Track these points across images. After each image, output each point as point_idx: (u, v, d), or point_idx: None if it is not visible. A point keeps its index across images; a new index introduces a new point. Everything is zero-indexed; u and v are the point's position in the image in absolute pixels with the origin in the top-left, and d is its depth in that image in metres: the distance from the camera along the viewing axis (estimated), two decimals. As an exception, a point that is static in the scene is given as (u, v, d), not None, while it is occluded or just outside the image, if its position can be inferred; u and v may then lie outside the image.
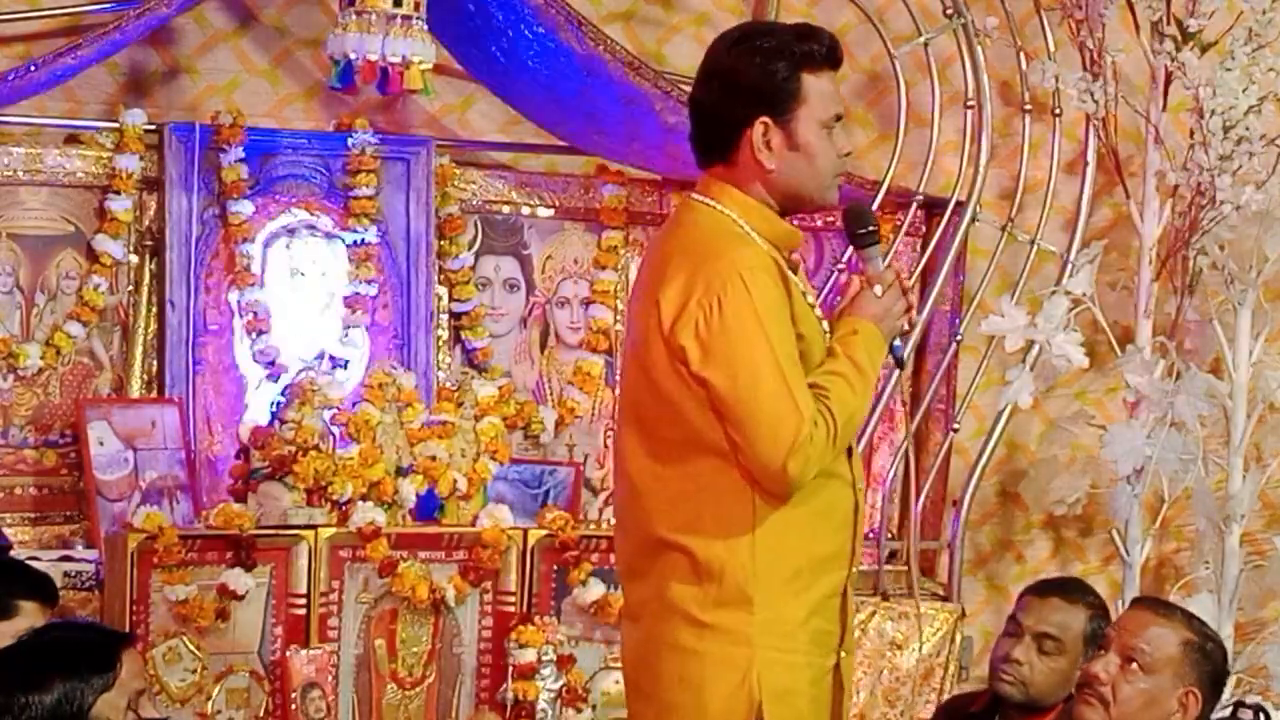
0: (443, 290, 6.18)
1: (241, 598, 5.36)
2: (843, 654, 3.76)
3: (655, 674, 3.74)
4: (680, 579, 3.69)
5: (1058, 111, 6.33)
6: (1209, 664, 4.10)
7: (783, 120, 3.71)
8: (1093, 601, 4.68)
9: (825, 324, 3.82)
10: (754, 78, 3.71)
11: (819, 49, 3.74)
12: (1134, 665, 4.06)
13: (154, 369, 5.87)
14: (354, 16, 5.45)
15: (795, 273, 3.80)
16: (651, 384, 3.70)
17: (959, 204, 6.25)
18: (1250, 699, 5.85)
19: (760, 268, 3.65)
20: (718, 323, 3.61)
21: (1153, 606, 4.24)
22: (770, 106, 3.70)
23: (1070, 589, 4.72)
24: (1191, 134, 6.12)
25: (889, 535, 6.30)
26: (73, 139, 5.87)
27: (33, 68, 5.52)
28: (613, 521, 6.02)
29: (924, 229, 6.41)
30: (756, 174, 3.74)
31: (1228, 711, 4.28)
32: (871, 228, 3.84)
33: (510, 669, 5.57)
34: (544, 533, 5.64)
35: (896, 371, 6.10)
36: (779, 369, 3.60)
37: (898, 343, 3.84)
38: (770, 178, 3.74)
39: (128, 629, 5.07)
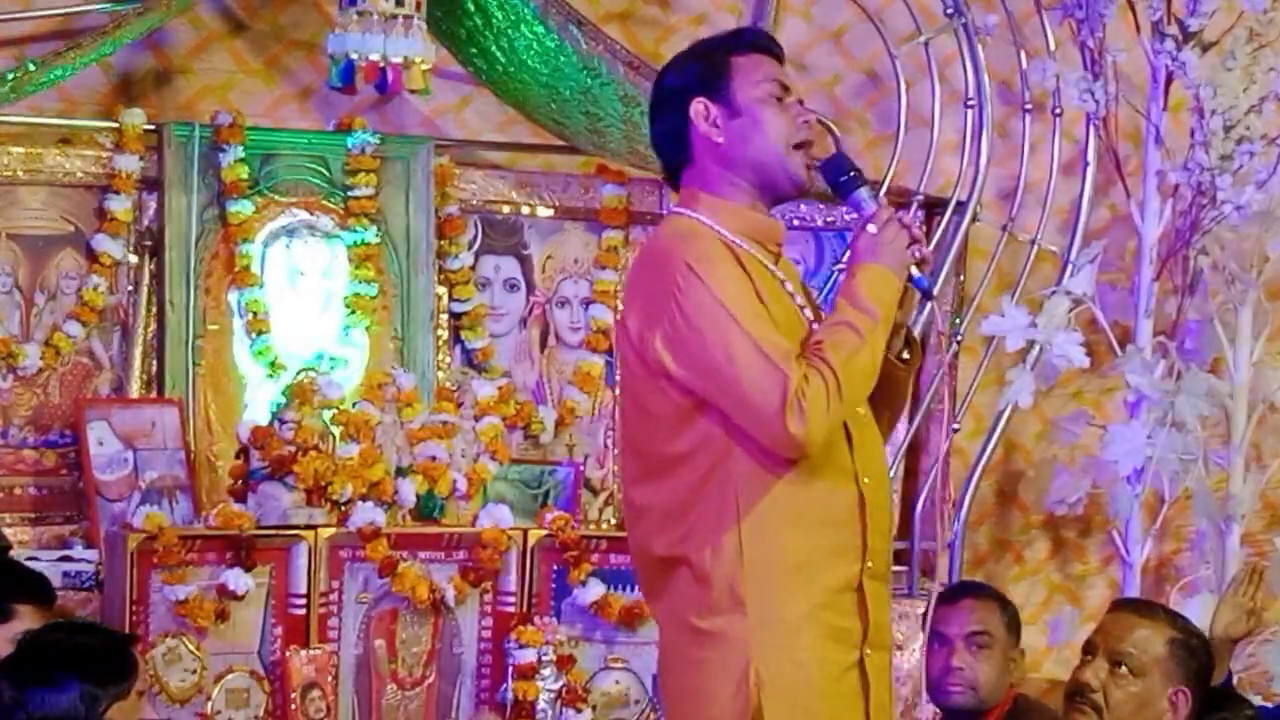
0: (443, 290, 6.18)
1: (241, 598, 5.35)
2: (868, 650, 3.65)
3: (669, 689, 3.71)
4: (683, 590, 3.64)
5: (1058, 111, 6.32)
6: (1195, 661, 4.10)
7: (718, 96, 3.67)
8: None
9: (807, 313, 3.72)
10: (683, 76, 3.72)
11: (738, 39, 3.75)
12: (1123, 669, 4.05)
13: (154, 369, 5.87)
14: (355, 16, 5.46)
15: (776, 263, 3.72)
16: (637, 404, 3.66)
17: (959, 204, 6.25)
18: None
19: (707, 255, 3.58)
20: (680, 320, 3.54)
21: (1134, 608, 4.22)
22: (702, 88, 3.68)
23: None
24: (1191, 134, 6.12)
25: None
26: (65, 140, 5.86)
27: (32, 68, 5.52)
28: (612, 521, 6.07)
29: (924, 229, 6.41)
30: (714, 158, 3.68)
31: None
32: (852, 172, 3.74)
33: (510, 669, 5.57)
34: (544, 533, 5.64)
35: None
36: (747, 336, 3.51)
37: (917, 274, 3.65)
38: (726, 155, 3.67)
39: (127, 629, 5.07)
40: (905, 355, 3.77)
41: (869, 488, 3.67)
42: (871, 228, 3.66)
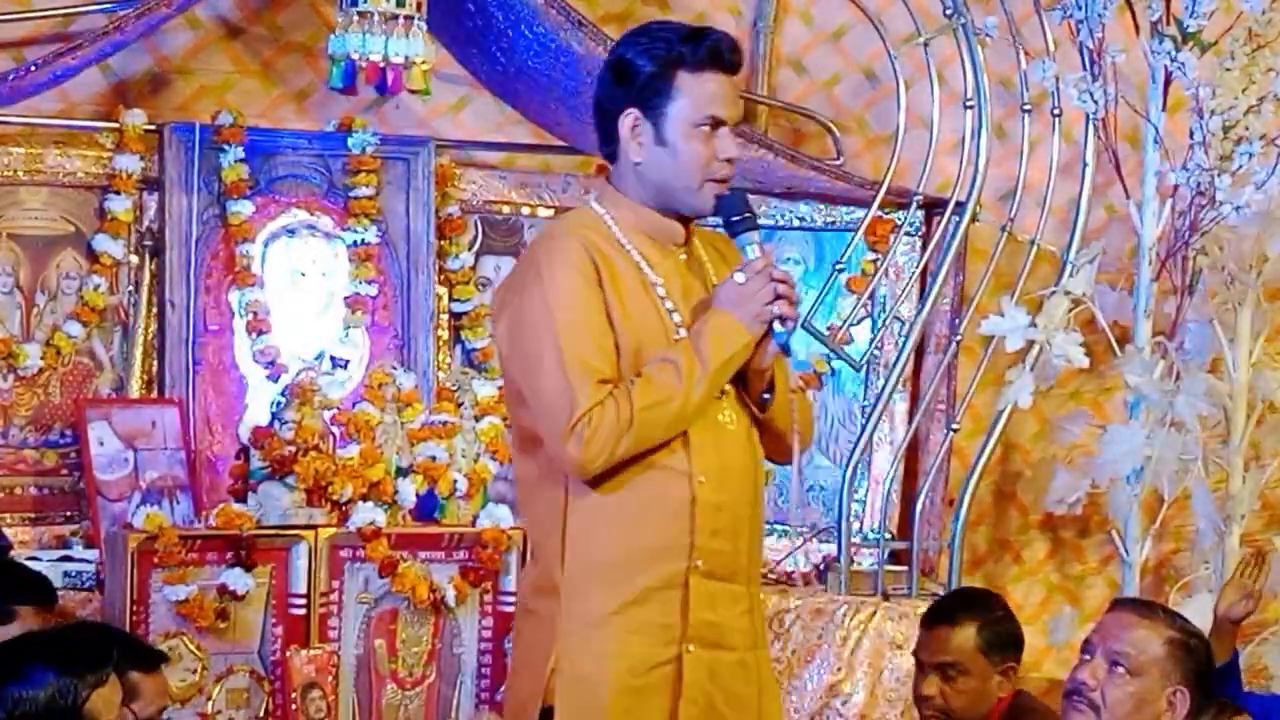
0: (443, 290, 6.19)
1: (241, 598, 5.36)
2: (690, 647, 3.72)
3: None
4: (526, 568, 3.93)
5: (1057, 111, 6.31)
6: (1193, 661, 4.09)
7: (651, 115, 3.73)
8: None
9: (676, 318, 3.77)
10: (628, 72, 3.75)
11: (694, 50, 3.74)
12: (1120, 668, 4.05)
13: (154, 369, 5.88)
14: (355, 17, 5.46)
15: (657, 263, 3.77)
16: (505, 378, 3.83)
17: (958, 204, 6.24)
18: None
19: (561, 261, 3.69)
20: (516, 319, 3.70)
21: (1133, 608, 4.22)
22: (639, 101, 3.74)
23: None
24: (1190, 134, 6.11)
25: (889, 535, 6.30)
26: (61, 142, 5.86)
27: (33, 68, 5.53)
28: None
29: (924, 229, 6.41)
30: (629, 167, 3.77)
31: None
32: (746, 214, 3.79)
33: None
34: (544, 532, 5.64)
35: (898, 370, 6.13)
36: (560, 356, 3.63)
37: (779, 329, 3.72)
38: (640, 171, 3.77)
39: (128, 629, 5.07)
40: (766, 396, 3.83)
41: (704, 486, 3.73)
42: (740, 276, 3.75)
